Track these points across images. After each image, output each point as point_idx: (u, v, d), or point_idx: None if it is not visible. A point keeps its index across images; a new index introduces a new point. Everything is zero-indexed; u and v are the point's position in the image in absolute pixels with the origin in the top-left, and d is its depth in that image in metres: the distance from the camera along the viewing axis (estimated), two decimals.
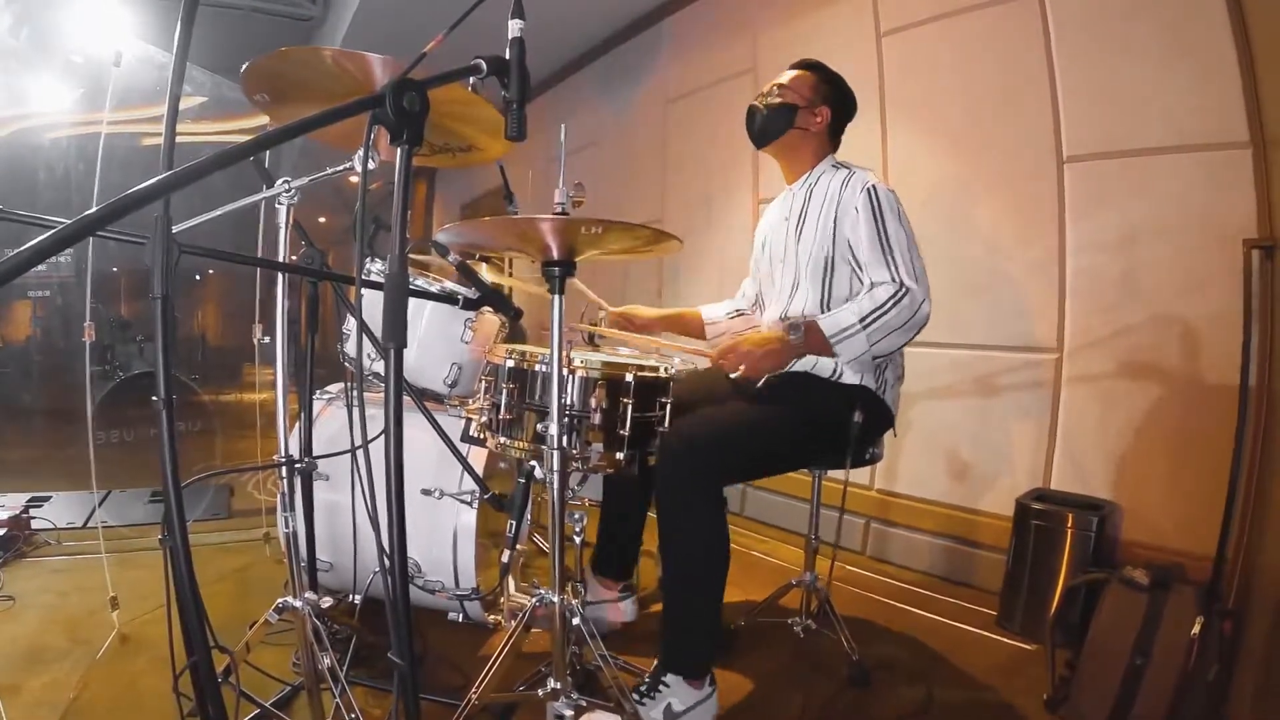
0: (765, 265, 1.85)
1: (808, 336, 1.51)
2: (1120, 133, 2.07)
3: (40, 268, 4.96)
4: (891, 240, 1.55)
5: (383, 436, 0.78)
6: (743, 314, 2.02)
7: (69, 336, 4.83)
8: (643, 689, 1.45)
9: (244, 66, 1.19)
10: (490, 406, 1.53)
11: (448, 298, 1.55)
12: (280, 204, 1.26)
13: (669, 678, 1.45)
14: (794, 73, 1.76)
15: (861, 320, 1.47)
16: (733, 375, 1.55)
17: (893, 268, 1.53)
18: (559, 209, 1.24)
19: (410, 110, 0.78)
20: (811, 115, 1.73)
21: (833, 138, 1.78)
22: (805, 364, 1.64)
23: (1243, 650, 1.45)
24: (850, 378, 1.61)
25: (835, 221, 1.63)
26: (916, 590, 2.33)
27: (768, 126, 1.74)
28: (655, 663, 1.50)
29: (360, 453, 1.00)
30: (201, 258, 1.02)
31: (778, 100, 1.73)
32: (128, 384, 3.84)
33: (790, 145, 1.75)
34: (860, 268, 1.59)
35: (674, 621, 1.51)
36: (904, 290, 1.49)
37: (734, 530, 1.51)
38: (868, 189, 1.59)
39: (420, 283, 1.73)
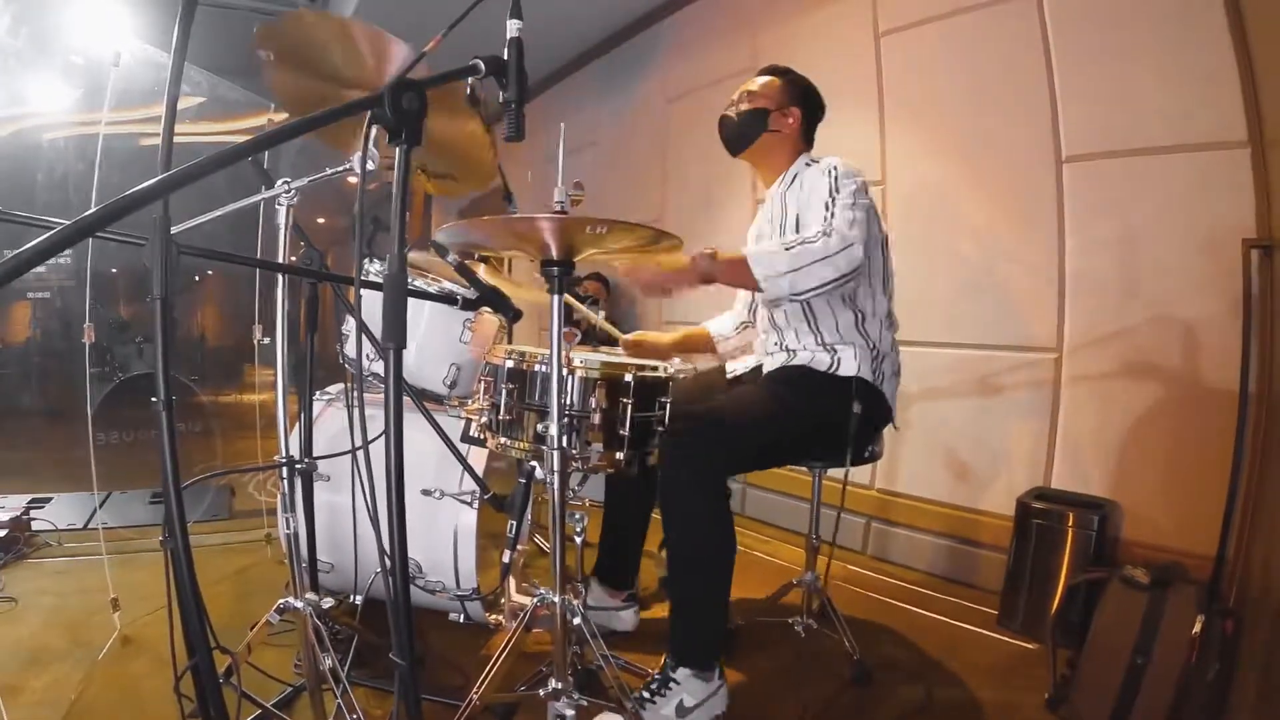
0: None
1: (723, 261, 1.50)
2: (1119, 132, 2.07)
3: (39, 269, 4.96)
4: (837, 202, 1.55)
5: (383, 437, 0.78)
6: (749, 325, 2.02)
7: (69, 338, 4.82)
8: (653, 687, 1.45)
9: (257, 26, 1.20)
10: (490, 407, 1.53)
11: (447, 298, 1.55)
12: (279, 205, 1.26)
13: (679, 673, 1.45)
14: (762, 79, 1.78)
15: (785, 245, 1.48)
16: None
17: (826, 220, 1.52)
18: (558, 208, 1.24)
19: (409, 110, 0.78)
20: (783, 117, 1.75)
21: (805, 138, 1.79)
22: (802, 358, 1.65)
23: (1243, 650, 1.44)
24: (847, 369, 1.62)
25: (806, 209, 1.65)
26: (917, 589, 2.34)
27: (741, 132, 1.76)
28: (663, 661, 1.50)
29: (360, 453, 1.00)
30: (201, 258, 1.02)
31: (748, 106, 1.74)
32: (127, 385, 3.83)
33: (765, 149, 1.77)
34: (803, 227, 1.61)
35: (682, 614, 1.51)
36: (831, 230, 1.48)
37: (735, 530, 1.51)
38: (829, 168, 1.62)
39: (419, 283, 1.73)
